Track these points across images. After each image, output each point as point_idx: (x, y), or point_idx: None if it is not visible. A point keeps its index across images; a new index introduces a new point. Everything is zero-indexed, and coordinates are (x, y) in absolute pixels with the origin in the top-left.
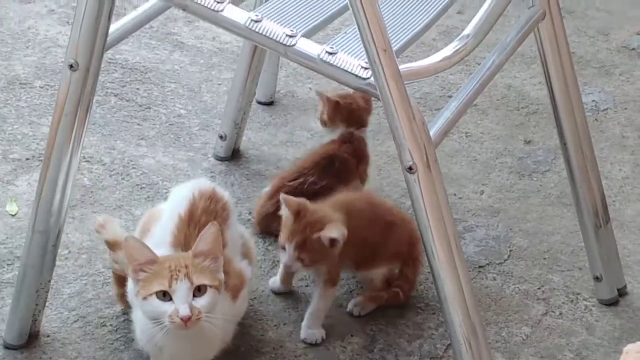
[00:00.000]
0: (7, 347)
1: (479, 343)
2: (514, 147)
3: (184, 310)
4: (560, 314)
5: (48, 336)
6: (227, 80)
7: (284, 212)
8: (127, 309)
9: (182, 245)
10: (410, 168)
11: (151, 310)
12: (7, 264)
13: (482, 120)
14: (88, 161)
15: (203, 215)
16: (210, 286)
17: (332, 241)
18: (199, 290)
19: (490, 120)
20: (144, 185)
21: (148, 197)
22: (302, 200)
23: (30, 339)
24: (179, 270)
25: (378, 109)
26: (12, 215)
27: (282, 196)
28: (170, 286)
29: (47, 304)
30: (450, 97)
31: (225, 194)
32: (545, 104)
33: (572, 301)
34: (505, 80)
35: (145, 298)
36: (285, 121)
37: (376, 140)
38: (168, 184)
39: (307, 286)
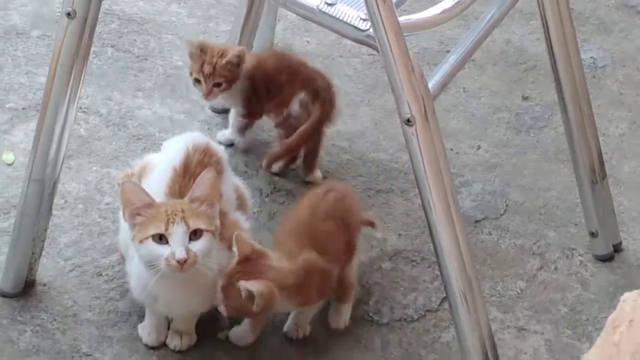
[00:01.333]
0: (4, 295)
1: (474, 296)
2: (512, 103)
3: (180, 253)
4: (556, 269)
5: (44, 285)
6: (225, 33)
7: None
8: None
9: (176, 196)
10: (408, 120)
11: (147, 254)
12: (4, 213)
13: (480, 76)
14: (85, 112)
15: (198, 167)
16: (207, 231)
17: (250, 295)
18: (195, 234)
19: (488, 76)
20: (140, 137)
21: (144, 148)
22: (259, 248)
23: (27, 287)
24: (175, 214)
25: (376, 63)
26: (9, 165)
27: (237, 235)
28: (166, 229)
29: (43, 253)
30: (448, 51)
31: (219, 148)
32: (543, 60)
33: (567, 256)
34: (503, 35)
35: (141, 241)
36: None
37: (373, 94)
38: (165, 136)
39: None
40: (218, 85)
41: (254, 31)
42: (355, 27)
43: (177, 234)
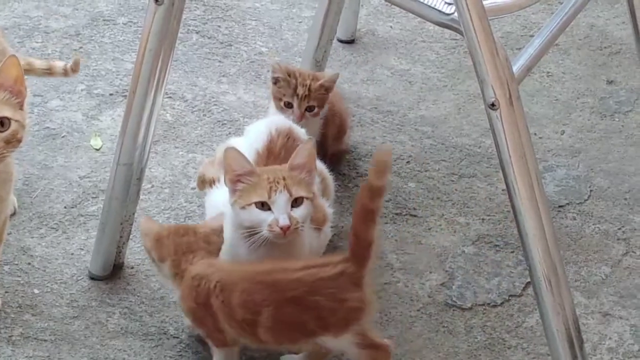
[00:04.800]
0: (92, 277)
1: (558, 281)
2: (596, 87)
3: (284, 220)
4: None
5: (132, 268)
6: (308, 18)
7: None
8: None
9: None
10: (492, 104)
11: (249, 219)
12: (92, 197)
13: (563, 60)
14: (170, 97)
15: (282, 150)
16: (307, 198)
17: None
18: (295, 202)
19: (572, 60)
20: (225, 122)
21: (229, 133)
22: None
23: (115, 270)
24: (277, 182)
25: (458, 48)
26: (96, 150)
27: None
28: (269, 197)
29: (130, 236)
30: (531, 36)
31: (302, 132)
32: (628, 44)
33: None
34: (588, 19)
35: (243, 207)
36: (365, 59)
37: (456, 79)
38: (249, 121)
39: None
40: (310, 109)
41: (337, 17)
42: (440, 11)
43: (280, 201)
